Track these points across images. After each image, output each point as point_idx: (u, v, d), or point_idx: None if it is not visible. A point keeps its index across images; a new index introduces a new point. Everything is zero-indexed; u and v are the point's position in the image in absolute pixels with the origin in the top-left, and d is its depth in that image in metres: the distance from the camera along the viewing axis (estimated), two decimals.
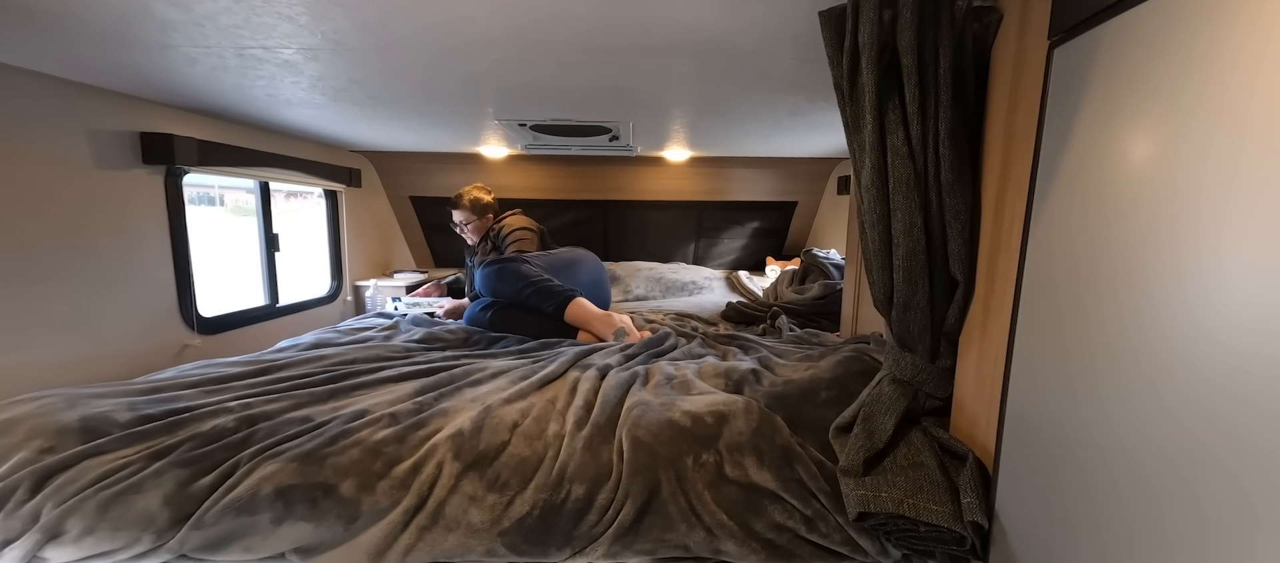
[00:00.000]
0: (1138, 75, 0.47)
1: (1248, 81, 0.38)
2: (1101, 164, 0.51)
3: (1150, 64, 0.46)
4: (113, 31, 0.93)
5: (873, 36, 0.68)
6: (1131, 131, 0.48)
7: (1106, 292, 0.49)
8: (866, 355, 1.02)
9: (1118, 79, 0.49)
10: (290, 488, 0.75)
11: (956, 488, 0.69)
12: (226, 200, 6.25)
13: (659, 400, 0.96)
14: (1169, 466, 0.43)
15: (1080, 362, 0.52)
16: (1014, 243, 0.65)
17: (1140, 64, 0.47)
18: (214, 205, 6.05)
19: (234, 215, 6.31)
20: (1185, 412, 0.42)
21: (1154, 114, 0.46)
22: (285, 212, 1.98)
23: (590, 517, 0.78)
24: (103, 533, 0.71)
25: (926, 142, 0.71)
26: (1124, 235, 0.48)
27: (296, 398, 0.98)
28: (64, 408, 0.86)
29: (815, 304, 1.81)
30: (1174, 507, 0.42)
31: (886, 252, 0.76)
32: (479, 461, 0.82)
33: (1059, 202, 0.56)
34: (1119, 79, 0.49)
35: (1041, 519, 0.58)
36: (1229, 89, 0.40)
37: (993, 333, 0.70)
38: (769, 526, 0.78)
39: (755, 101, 1.41)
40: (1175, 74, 0.43)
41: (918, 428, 0.79)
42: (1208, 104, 0.41)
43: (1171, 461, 0.43)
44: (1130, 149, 0.48)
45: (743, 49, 0.99)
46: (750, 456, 0.83)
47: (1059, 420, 0.55)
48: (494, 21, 0.87)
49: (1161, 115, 0.45)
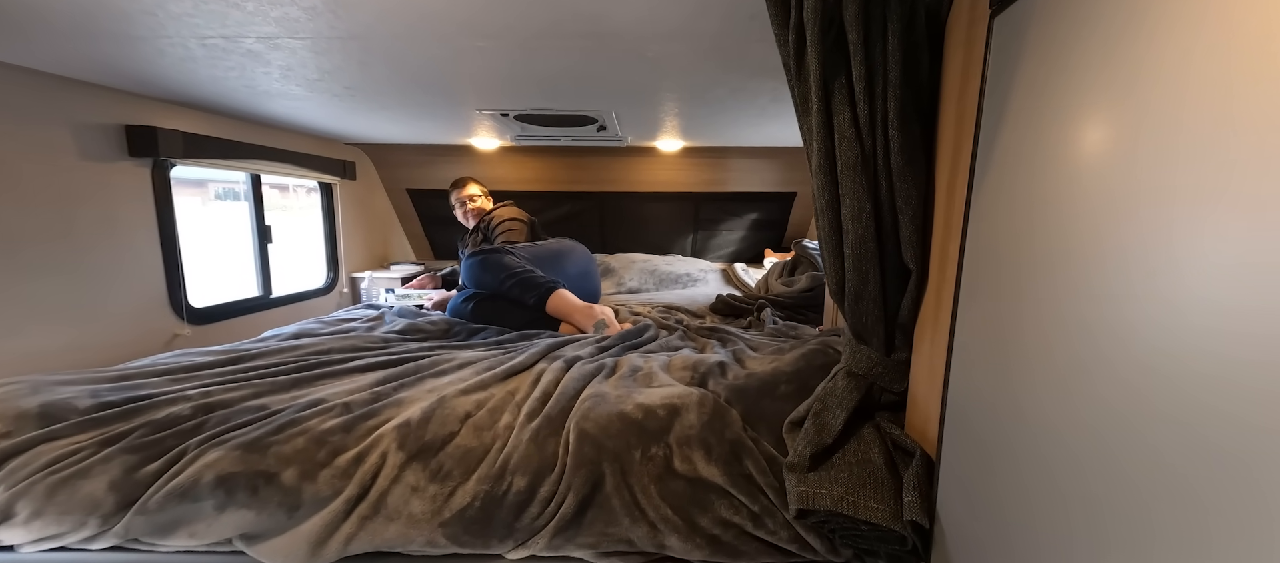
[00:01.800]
0: (1075, 43, 0.43)
1: (1186, 56, 0.34)
2: (1036, 145, 0.47)
3: (1089, 28, 0.42)
4: (76, 23, 0.94)
5: (817, 9, 0.65)
6: (1067, 107, 0.44)
7: (1043, 281, 0.46)
8: (830, 348, 0.99)
9: (1054, 49, 0.45)
10: (232, 476, 0.75)
11: (900, 486, 0.66)
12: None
13: (616, 393, 0.94)
14: (1106, 463, 0.40)
15: (1014, 354, 0.49)
16: (960, 229, 0.61)
17: (1079, 29, 0.43)
18: (238, 201, 6.20)
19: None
20: (1121, 406, 0.38)
21: (1092, 87, 0.42)
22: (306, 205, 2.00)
23: (532, 509, 0.77)
24: (50, 516, 0.73)
25: (874, 123, 0.67)
26: (1058, 223, 0.44)
27: (257, 387, 0.99)
28: (27, 394, 0.88)
29: (802, 296, 1.77)
30: (1111, 507, 0.39)
31: (836, 239, 0.72)
32: (423, 451, 0.81)
33: (995, 186, 0.52)
34: (1055, 48, 0.45)
35: (978, 518, 0.55)
36: (1173, 63, 0.36)
37: (945, 324, 0.66)
38: (714, 521, 0.76)
39: (735, 87, 1.37)
40: (1116, 42, 0.40)
41: (870, 423, 0.76)
42: (1152, 76, 0.37)
43: (1109, 457, 0.39)
44: (1067, 127, 0.44)
45: (704, 32, 0.95)
46: (699, 449, 0.80)
47: (995, 415, 0.52)
48: (438, 7, 0.85)
49: (1100, 89, 0.41)
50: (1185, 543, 0.32)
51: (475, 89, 1.43)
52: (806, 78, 0.71)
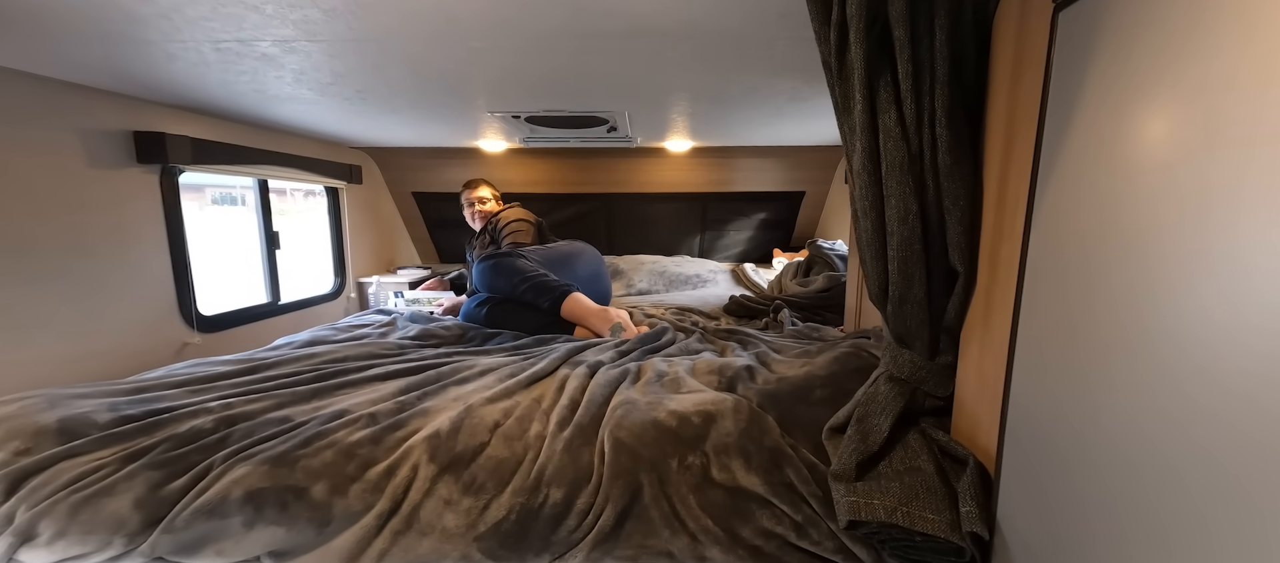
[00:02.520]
0: (1156, 37, 0.41)
1: (1272, 56, 0.33)
2: (1113, 140, 0.45)
3: (1171, 23, 0.40)
4: (89, 28, 0.92)
5: (861, 7, 0.63)
6: (1148, 102, 0.42)
7: (1120, 283, 0.44)
8: (864, 351, 0.97)
9: (1132, 43, 0.44)
10: (260, 491, 0.73)
11: (955, 495, 0.65)
12: (248, 200, 6.37)
13: (646, 400, 0.92)
14: (1188, 474, 0.38)
15: (1092, 359, 0.47)
16: (1017, 230, 0.60)
17: (1160, 23, 0.41)
18: (237, 205, 6.15)
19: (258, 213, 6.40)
20: (1209, 415, 0.36)
21: (1173, 81, 0.40)
22: (304, 209, 1.98)
23: (569, 522, 0.75)
24: (74, 536, 0.70)
25: (921, 121, 0.65)
26: (1139, 221, 0.43)
27: (279, 398, 0.97)
28: (44, 409, 0.85)
29: (819, 297, 1.75)
30: (1212, 517, 0.37)
31: (880, 241, 0.71)
32: (455, 463, 0.79)
33: (1065, 184, 0.51)
34: (1134, 43, 0.43)
35: (1046, 530, 0.53)
36: (1259, 56, 0.34)
37: (996, 328, 0.65)
38: (756, 532, 0.74)
39: (752, 86, 1.35)
40: (1200, 35, 0.38)
41: (915, 430, 0.74)
42: (1236, 70, 0.36)
43: (1191, 467, 0.38)
44: (1146, 123, 0.42)
45: (728, 30, 0.93)
46: (738, 458, 0.79)
47: (1067, 422, 0.50)
48: (467, 7, 0.83)
49: (1182, 82, 0.39)
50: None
51: (488, 91, 1.41)
52: (848, 76, 0.69)
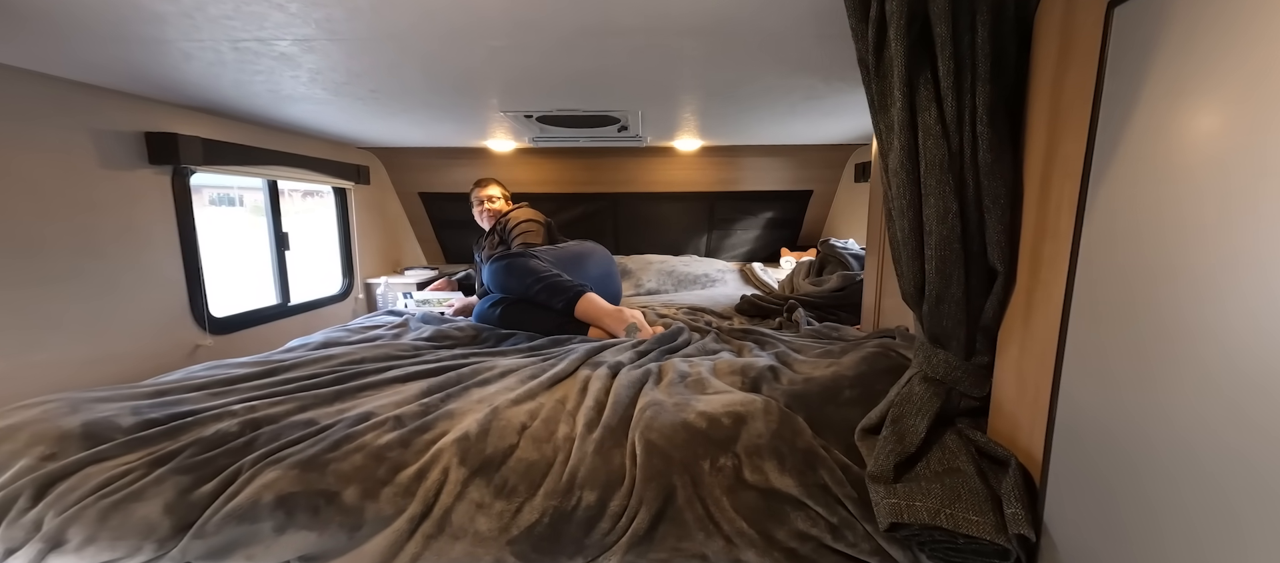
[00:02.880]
0: (1224, 34, 0.41)
1: None
2: (1173, 139, 0.45)
3: (1238, 20, 0.40)
4: (106, 28, 0.91)
5: (902, 3, 0.62)
6: (1213, 99, 0.42)
7: (1183, 282, 0.44)
8: (892, 351, 0.97)
9: (1196, 39, 0.43)
10: (291, 496, 0.72)
11: (997, 496, 0.64)
12: (246, 201, 6.34)
13: (673, 400, 0.92)
14: (1252, 477, 0.37)
15: (1153, 361, 0.46)
16: (1062, 228, 0.59)
17: (1227, 19, 0.41)
18: (234, 206, 6.13)
19: (254, 215, 6.38)
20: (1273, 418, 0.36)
21: (1242, 77, 0.39)
22: (301, 210, 1.96)
23: (602, 525, 0.74)
24: (103, 542, 0.69)
25: (962, 119, 0.64)
26: (1202, 218, 0.42)
27: (301, 400, 0.96)
28: (67, 413, 0.84)
29: (833, 296, 1.74)
30: (1255, 524, 0.37)
31: (917, 240, 0.70)
32: (486, 465, 0.79)
33: (1121, 182, 0.50)
34: (1198, 39, 0.43)
35: (1099, 533, 0.52)
36: None
37: (1037, 327, 0.64)
38: (791, 534, 0.73)
39: (769, 85, 1.35)
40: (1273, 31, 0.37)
41: (952, 430, 0.73)
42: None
43: (1254, 472, 0.37)
44: (1212, 120, 0.42)
45: (760, 26, 0.93)
46: (771, 459, 0.78)
47: (1123, 424, 0.49)
48: (491, 4, 0.82)
49: (1249, 79, 0.39)
50: None
51: (503, 90, 1.40)
52: (886, 73, 0.68)
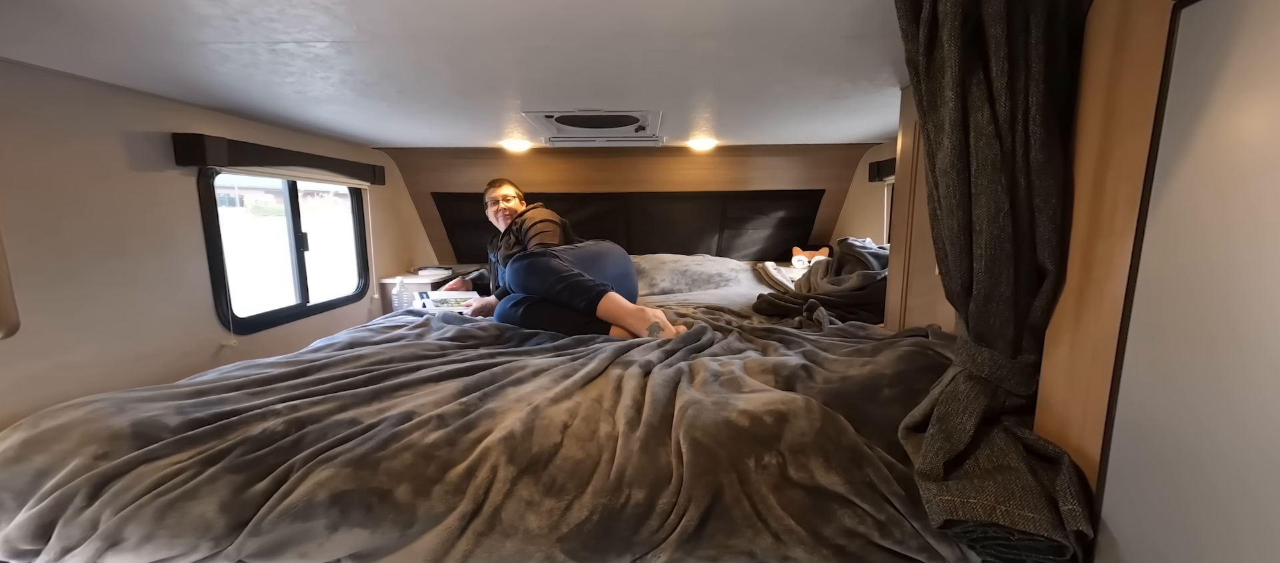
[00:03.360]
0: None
1: None
2: (1247, 139, 0.45)
3: None
4: (145, 30, 0.91)
5: (956, 4, 0.63)
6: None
7: (1251, 283, 0.44)
8: (930, 350, 0.97)
9: (1271, 42, 0.43)
10: (345, 494, 0.73)
11: (1049, 493, 0.65)
12: (246, 201, 6.34)
13: (711, 399, 0.92)
14: None
15: (1219, 357, 0.47)
16: (1118, 227, 0.60)
17: None
18: (234, 206, 6.14)
19: (254, 215, 6.39)
20: None
21: None
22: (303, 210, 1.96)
23: (651, 522, 0.75)
24: (161, 540, 0.70)
25: (1015, 119, 0.65)
26: (1274, 221, 0.42)
27: (341, 400, 0.97)
28: (114, 413, 0.85)
29: (854, 295, 1.75)
30: None
31: (965, 239, 0.71)
32: (533, 464, 0.79)
33: (1188, 184, 0.50)
34: (1273, 42, 0.43)
35: (1162, 530, 0.53)
36: None
37: (1088, 326, 0.64)
38: (839, 531, 0.74)
39: (795, 85, 1.35)
40: None
41: (999, 428, 0.74)
42: None
43: None
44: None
45: (793, 26, 0.93)
46: (816, 457, 0.79)
47: (1188, 421, 0.50)
48: (525, 6, 0.83)
49: None
50: None
51: (527, 91, 1.40)
52: (936, 74, 0.69)
